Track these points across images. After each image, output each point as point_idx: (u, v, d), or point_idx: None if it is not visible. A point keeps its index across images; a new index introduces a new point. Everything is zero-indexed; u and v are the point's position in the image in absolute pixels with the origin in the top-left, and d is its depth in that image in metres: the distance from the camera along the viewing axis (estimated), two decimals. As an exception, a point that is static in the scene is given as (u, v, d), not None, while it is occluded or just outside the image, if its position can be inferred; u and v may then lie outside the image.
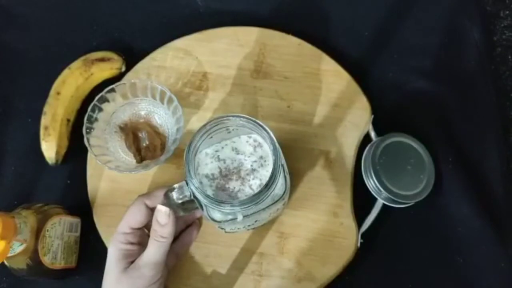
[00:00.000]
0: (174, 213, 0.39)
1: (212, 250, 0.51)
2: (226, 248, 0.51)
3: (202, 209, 0.40)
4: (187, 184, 0.38)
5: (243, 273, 0.51)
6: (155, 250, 0.39)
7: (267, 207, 0.40)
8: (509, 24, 0.64)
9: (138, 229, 0.42)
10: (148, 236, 0.41)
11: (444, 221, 0.53)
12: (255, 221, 0.43)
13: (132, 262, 0.40)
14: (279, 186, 0.40)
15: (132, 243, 0.41)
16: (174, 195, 0.39)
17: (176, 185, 0.39)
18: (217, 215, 0.39)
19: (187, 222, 0.49)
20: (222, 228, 0.42)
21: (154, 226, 0.39)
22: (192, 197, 0.39)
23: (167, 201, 0.39)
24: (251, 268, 0.51)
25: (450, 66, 0.60)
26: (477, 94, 0.58)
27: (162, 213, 0.38)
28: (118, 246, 0.41)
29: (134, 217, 0.41)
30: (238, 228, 0.43)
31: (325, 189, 0.53)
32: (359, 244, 0.51)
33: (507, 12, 0.64)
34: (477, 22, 0.62)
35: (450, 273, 0.52)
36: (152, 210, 0.41)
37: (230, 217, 0.39)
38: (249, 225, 0.43)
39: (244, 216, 0.39)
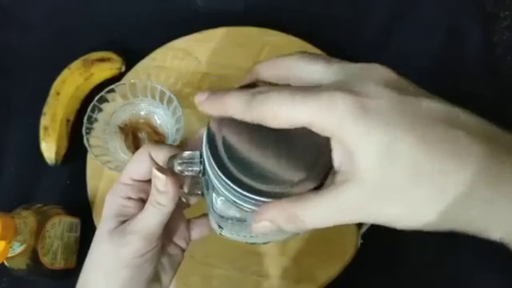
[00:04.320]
0: (177, 179, 0.32)
1: (212, 250, 0.51)
2: (226, 248, 0.51)
3: (207, 193, 0.32)
4: (201, 155, 0.30)
5: (243, 274, 0.51)
6: (149, 217, 0.32)
7: None
8: (509, 25, 0.64)
9: (142, 182, 0.34)
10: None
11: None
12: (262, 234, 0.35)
13: (125, 222, 0.33)
14: None
15: (130, 198, 0.34)
16: (178, 166, 0.31)
17: (185, 153, 0.31)
18: (226, 208, 0.31)
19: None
20: (220, 227, 0.35)
21: (152, 189, 0.32)
22: (201, 174, 0.31)
23: (169, 167, 0.32)
24: (251, 269, 0.51)
25: (450, 66, 0.60)
26: (477, 94, 0.58)
27: (159, 179, 0.31)
28: (114, 199, 0.34)
29: (135, 167, 0.34)
30: (238, 235, 0.35)
31: (325, 189, 0.53)
32: (359, 244, 0.51)
33: (507, 12, 0.64)
34: (477, 22, 0.62)
35: (450, 273, 0.52)
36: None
37: (238, 215, 0.31)
38: (251, 236, 0.36)
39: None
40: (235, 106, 0.26)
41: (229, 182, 0.27)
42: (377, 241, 0.52)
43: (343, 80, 0.25)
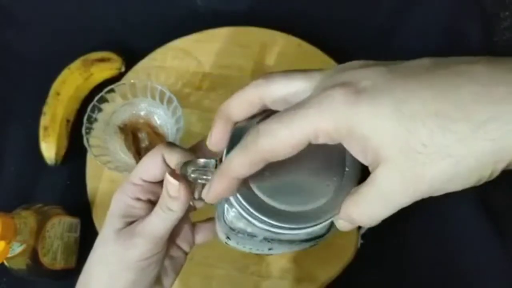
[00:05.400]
0: (189, 186, 0.31)
1: (212, 251, 0.51)
2: (226, 248, 0.51)
3: (219, 203, 0.31)
4: (216, 165, 0.30)
5: (243, 274, 0.51)
6: (158, 221, 0.32)
7: (298, 241, 0.31)
8: (509, 25, 0.63)
9: (152, 183, 0.33)
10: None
11: (444, 221, 0.53)
12: (269, 249, 0.33)
13: (132, 223, 0.33)
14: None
15: (139, 199, 0.33)
16: (192, 173, 0.30)
17: (200, 161, 0.30)
18: (237, 221, 0.30)
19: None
20: (227, 238, 0.34)
21: (163, 193, 0.31)
22: None
23: (182, 173, 0.31)
24: (251, 269, 0.51)
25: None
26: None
27: (172, 185, 0.30)
28: (122, 199, 0.33)
29: (146, 168, 0.33)
30: (244, 247, 0.34)
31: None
32: (359, 245, 0.51)
33: (507, 13, 0.64)
34: (477, 22, 0.62)
35: (450, 273, 0.52)
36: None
37: (249, 230, 0.30)
38: (257, 249, 0.34)
39: (264, 238, 0.30)
40: (239, 167, 0.25)
41: (248, 207, 0.27)
42: (377, 241, 0.52)
43: (329, 81, 0.24)
